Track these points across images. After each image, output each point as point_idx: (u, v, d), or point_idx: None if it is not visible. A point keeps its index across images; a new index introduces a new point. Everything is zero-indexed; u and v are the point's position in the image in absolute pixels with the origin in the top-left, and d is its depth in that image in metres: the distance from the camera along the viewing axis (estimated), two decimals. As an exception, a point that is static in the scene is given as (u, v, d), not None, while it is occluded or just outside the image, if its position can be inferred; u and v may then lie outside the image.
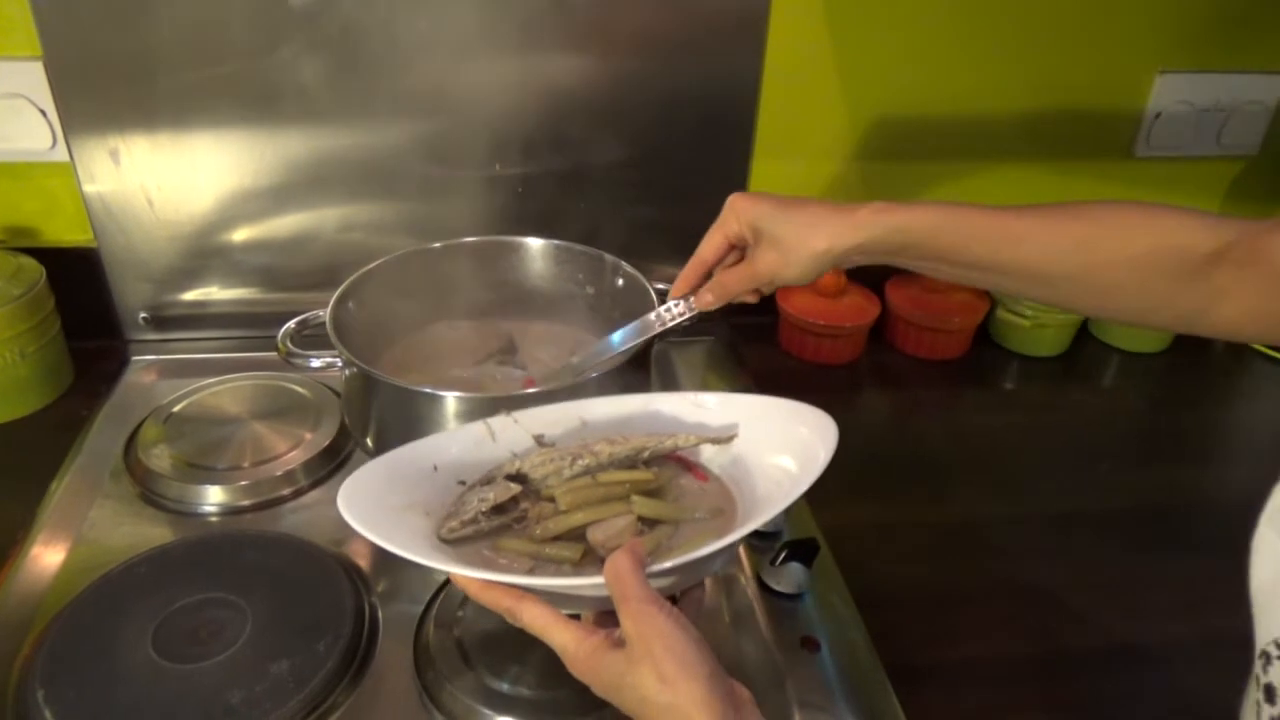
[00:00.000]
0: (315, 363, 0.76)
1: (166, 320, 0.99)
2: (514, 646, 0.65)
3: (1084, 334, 1.13)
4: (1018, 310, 1.08)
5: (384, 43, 0.89)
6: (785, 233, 0.65)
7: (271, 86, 0.89)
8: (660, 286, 0.86)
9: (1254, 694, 0.40)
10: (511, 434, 0.65)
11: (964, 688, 0.69)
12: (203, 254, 0.97)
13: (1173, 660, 0.73)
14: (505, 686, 0.62)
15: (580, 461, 0.61)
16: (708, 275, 0.72)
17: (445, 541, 0.58)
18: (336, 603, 0.68)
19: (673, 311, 0.73)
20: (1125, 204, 0.61)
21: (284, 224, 0.96)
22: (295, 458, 0.83)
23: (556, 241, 0.89)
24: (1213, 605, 0.78)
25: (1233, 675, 0.71)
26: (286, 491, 0.81)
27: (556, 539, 0.58)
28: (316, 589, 0.69)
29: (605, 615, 0.53)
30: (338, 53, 0.89)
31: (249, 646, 0.64)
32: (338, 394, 0.88)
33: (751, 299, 0.71)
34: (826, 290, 1.05)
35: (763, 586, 0.72)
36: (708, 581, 0.73)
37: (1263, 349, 1.13)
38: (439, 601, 0.69)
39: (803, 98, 1.02)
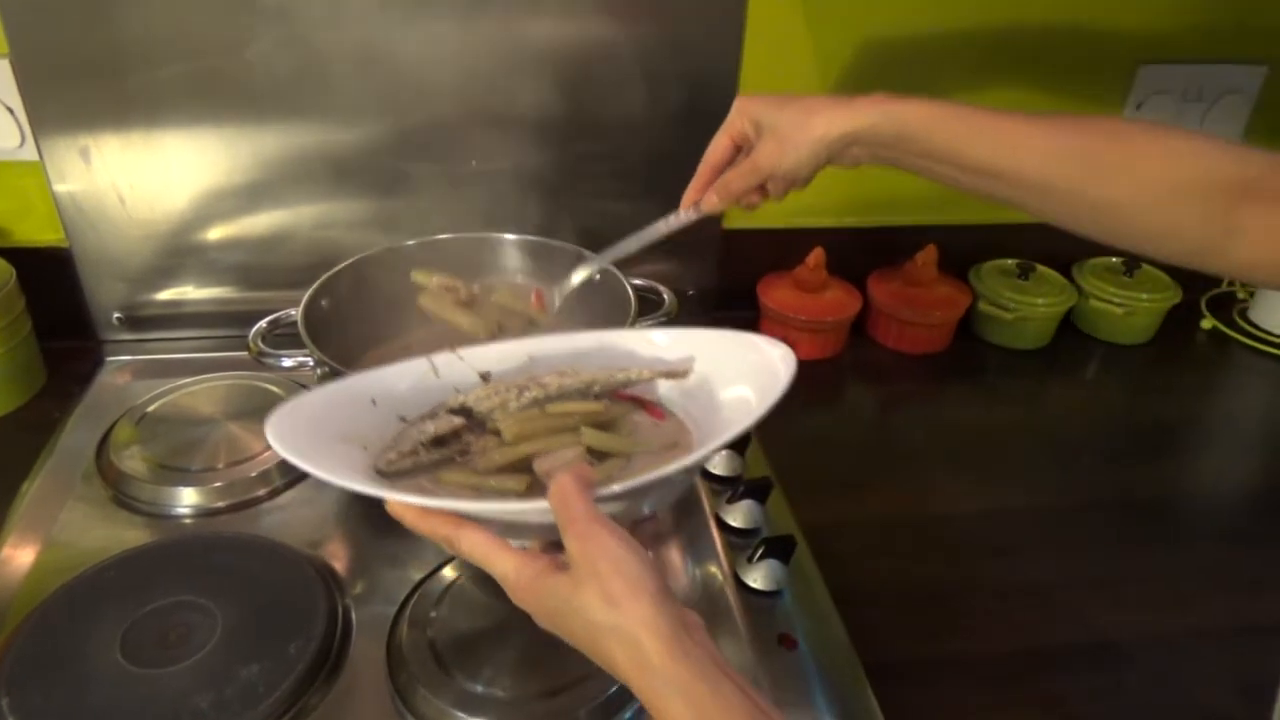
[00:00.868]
0: (287, 362, 0.75)
1: (141, 320, 0.98)
2: (487, 647, 0.65)
3: (1066, 327, 1.13)
4: (1000, 304, 1.08)
5: (357, 38, 0.88)
6: (783, 121, 0.65)
7: (243, 83, 0.88)
8: (637, 282, 0.85)
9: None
10: (457, 371, 0.63)
11: (943, 685, 0.69)
12: (177, 253, 0.96)
13: (1155, 654, 0.73)
14: (478, 688, 0.62)
15: (528, 394, 0.59)
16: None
17: (383, 474, 0.56)
18: (308, 604, 0.67)
19: (680, 217, 0.72)
20: (1141, 122, 0.59)
21: (259, 222, 0.96)
22: (270, 458, 0.82)
23: (532, 237, 0.88)
24: (1196, 598, 0.78)
25: (1215, 667, 0.72)
26: (262, 492, 0.80)
27: (501, 470, 0.56)
28: (288, 591, 0.69)
29: (552, 546, 0.50)
30: (310, 48, 0.88)
31: (219, 650, 0.63)
32: (313, 393, 0.87)
33: (755, 199, 0.70)
34: (808, 285, 1.05)
35: (740, 584, 0.72)
36: (689, 574, 0.73)
37: (1245, 340, 1.13)
38: (413, 602, 0.69)
39: (783, 88, 1.01)
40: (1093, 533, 0.85)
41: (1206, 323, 1.16)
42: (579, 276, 0.78)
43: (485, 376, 0.64)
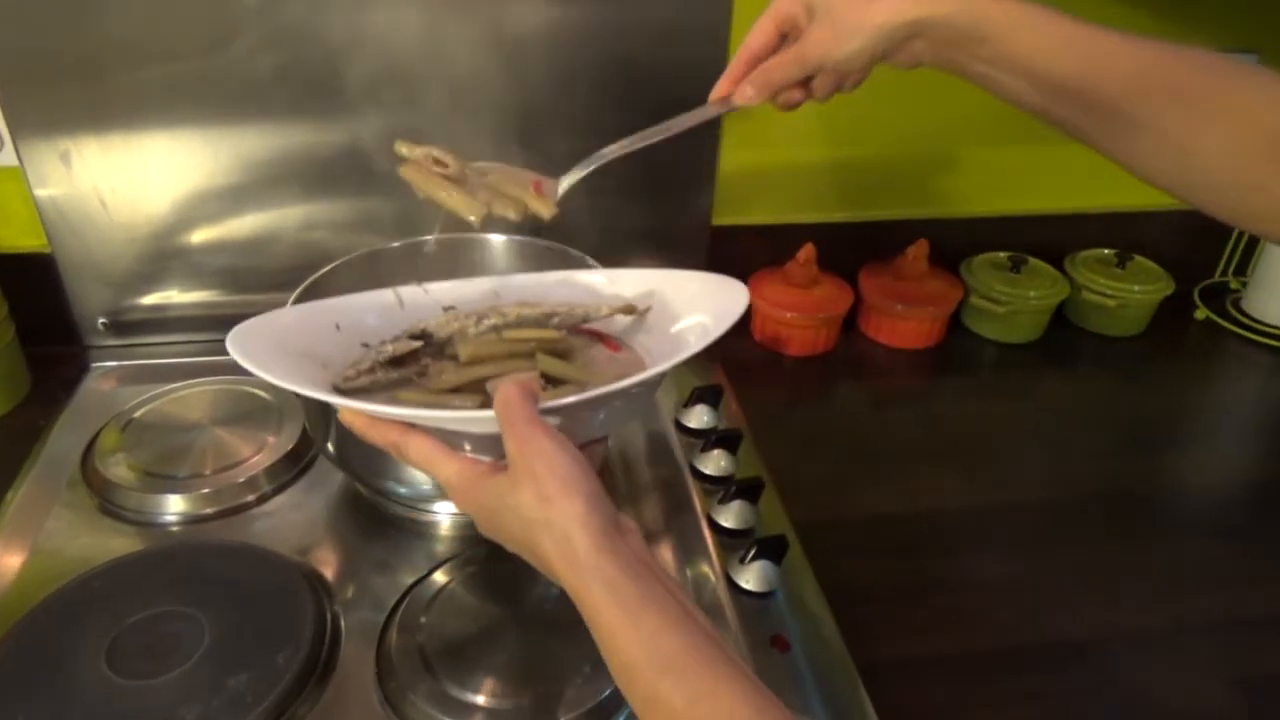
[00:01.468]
0: (272, 367, 0.74)
1: (126, 325, 0.97)
2: (478, 653, 0.64)
3: (1059, 319, 1.12)
4: (992, 297, 1.07)
5: (340, 37, 0.87)
6: (840, 3, 0.58)
7: (224, 84, 0.87)
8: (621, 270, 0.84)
9: None
10: (421, 304, 0.64)
11: (937, 683, 0.69)
12: (161, 257, 0.95)
13: (1147, 649, 0.72)
14: (469, 695, 0.61)
15: (487, 321, 0.60)
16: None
17: (341, 392, 0.57)
18: (297, 612, 0.67)
19: (707, 110, 0.66)
20: (1239, 63, 0.52)
21: (244, 224, 0.95)
22: (258, 463, 0.81)
23: (520, 237, 0.88)
24: (1188, 592, 0.78)
25: (1206, 661, 0.71)
26: (250, 498, 0.79)
27: (455, 391, 0.56)
28: (276, 599, 0.68)
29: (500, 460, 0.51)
30: (293, 48, 0.87)
31: (206, 660, 0.63)
32: (300, 397, 0.87)
33: (798, 96, 0.64)
34: (798, 281, 1.04)
35: (732, 585, 0.71)
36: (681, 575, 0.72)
37: (1238, 330, 1.12)
38: (402, 608, 0.68)
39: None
40: (1085, 527, 0.84)
41: (1199, 314, 1.16)
42: (585, 169, 0.72)
43: (449, 310, 0.65)
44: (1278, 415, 1.03)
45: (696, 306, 0.61)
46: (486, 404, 0.54)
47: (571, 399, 0.49)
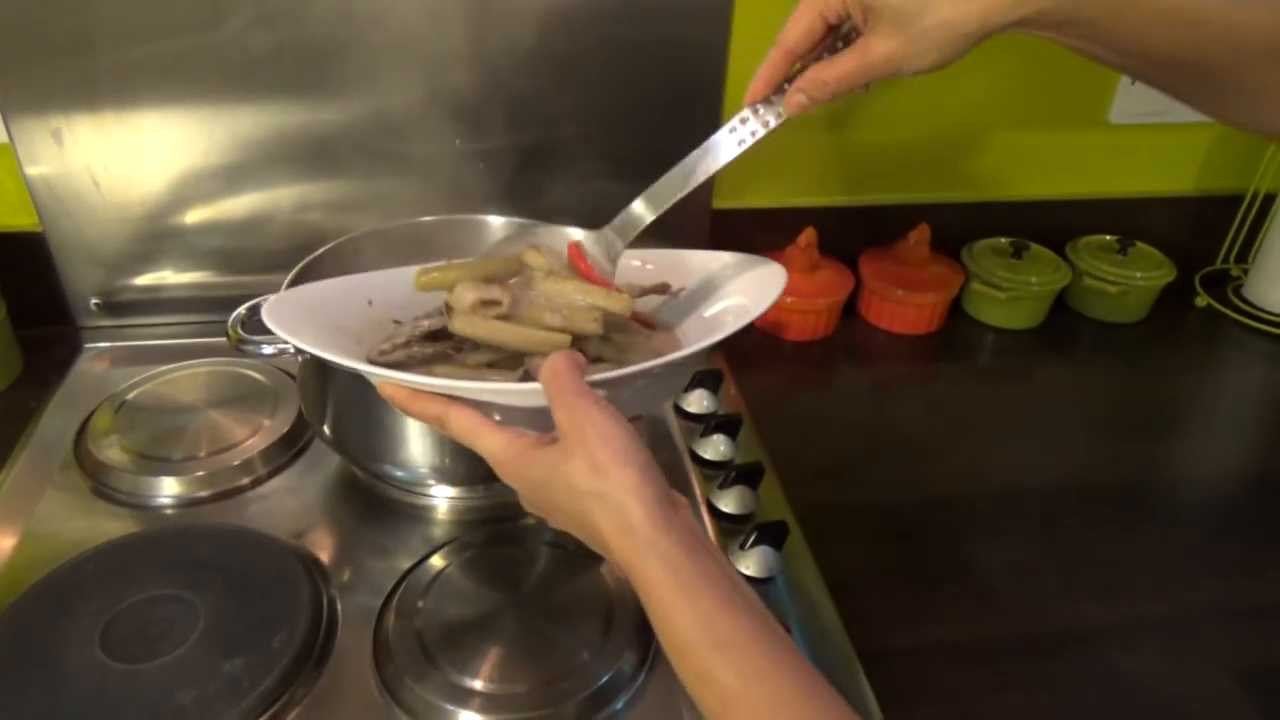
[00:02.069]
0: (267, 349, 0.73)
1: (119, 306, 0.96)
2: (475, 638, 0.64)
3: (1060, 306, 1.12)
4: (993, 282, 1.06)
5: (336, 15, 0.85)
6: (910, 6, 0.49)
7: (219, 62, 0.86)
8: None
9: None
10: None
11: (937, 671, 0.68)
12: (155, 237, 0.93)
13: (1148, 637, 0.72)
14: (466, 680, 0.61)
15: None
16: (791, 74, 0.56)
17: (375, 365, 0.56)
18: (293, 596, 0.66)
19: (751, 124, 0.57)
20: None
21: (238, 204, 0.93)
22: (253, 446, 0.81)
23: (519, 219, 0.86)
24: (1190, 580, 0.78)
25: (1208, 650, 0.71)
26: (245, 481, 0.79)
27: (491, 365, 0.56)
28: (272, 582, 0.67)
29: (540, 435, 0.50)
30: (288, 25, 0.85)
31: (201, 644, 0.62)
32: (296, 379, 0.86)
33: (858, 92, 0.55)
34: (799, 265, 1.03)
35: (732, 571, 0.71)
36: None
37: (1239, 317, 1.12)
38: (400, 592, 0.67)
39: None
40: (1086, 514, 0.84)
41: (1200, 301, 1.15)
42: (632, 230, 0.62)
43: None
44: (1279, 403, 1.03)
45: (731, 288, 0.60)
46: (527, 378, 0.53)
47: (620, 372, 0.48)
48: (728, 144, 0.58)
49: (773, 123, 0.57)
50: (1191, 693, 0.68)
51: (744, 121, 0.58)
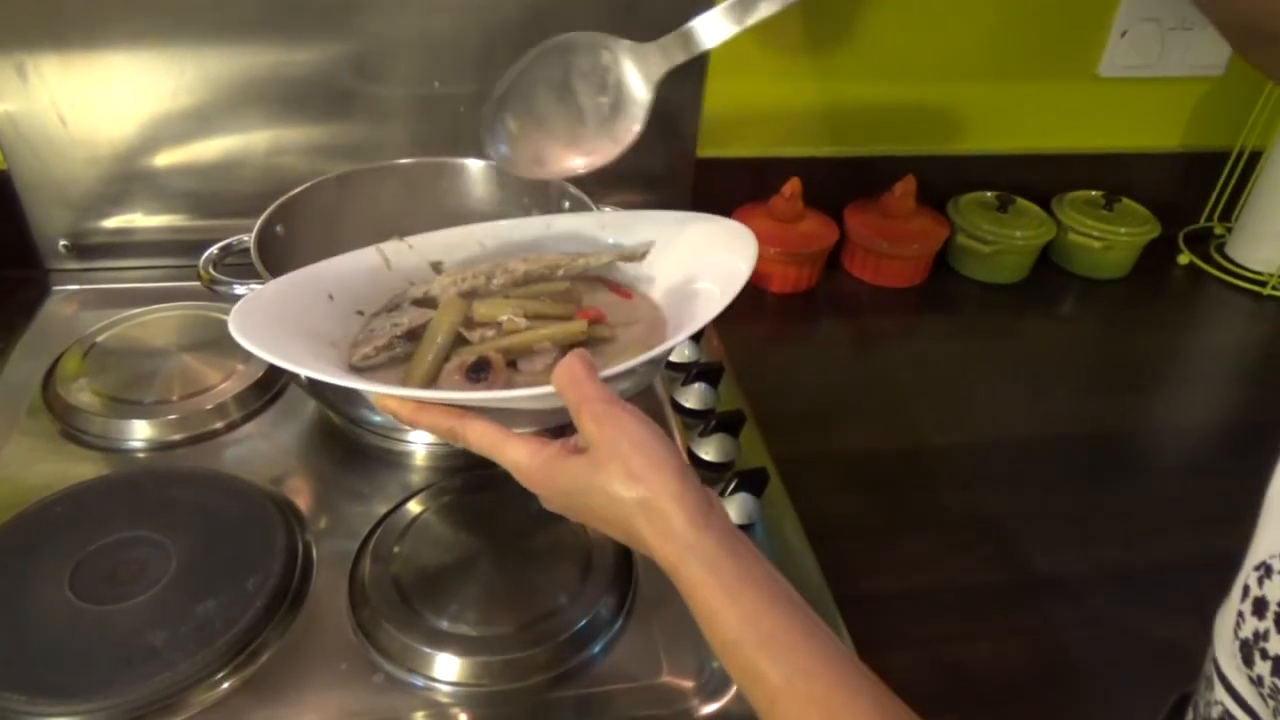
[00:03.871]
0: (240, 289, 0.71)
1: (88, 248, 0.94)
2: (452, 582, 0.63)
3: (1044, 261, 1.11)
4: (978, 236, 1.06)
5: (310, -53, 0.83)
6: None
7: (188, -4, 0.83)
8: (608, 209, 0.82)
9: (1236, 605, 0.39)
10: (408, 261, 0.63)
11: (914, 618, 0.68)
12: (124, 178, 0.91)
13: (1124, 585, 0.72)
14: (443, 623, 0.60)
15: (495, 280, 0.59)
16: None
17: (358, 370, 0.55)
18: (267, 540, 0.65)
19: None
20: None
21: (211, 146, 0.91)
22: (227, 390, 0.79)
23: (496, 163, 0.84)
24: (1165, 531, 0.78)
25: (1182, 599, 0.71)
26: (219, 425, 0.77)
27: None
28: (246, 526, 0.66)
29: (545, 431, 0.51)
30: (260, -42, 0.83)
31: (173, 586, 0.61)
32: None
33: None
34: (783, 215, 1.02)
35: (711, 517, 0.70)
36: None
37: (1221, 275, 1.12)
38: (376, 537, 0.67)
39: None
40: (1065, 466, 0.84)
41: (1183, 258, 1.15)
42: (673, 54, 0.58)
43: (437, 267, 0.63)
44: (1257, 359, 1.03)
45: (703, 246, 0.59)
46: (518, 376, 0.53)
47: (632, 363, 0.48)
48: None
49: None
50: (1166, 640, 0.69)
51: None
